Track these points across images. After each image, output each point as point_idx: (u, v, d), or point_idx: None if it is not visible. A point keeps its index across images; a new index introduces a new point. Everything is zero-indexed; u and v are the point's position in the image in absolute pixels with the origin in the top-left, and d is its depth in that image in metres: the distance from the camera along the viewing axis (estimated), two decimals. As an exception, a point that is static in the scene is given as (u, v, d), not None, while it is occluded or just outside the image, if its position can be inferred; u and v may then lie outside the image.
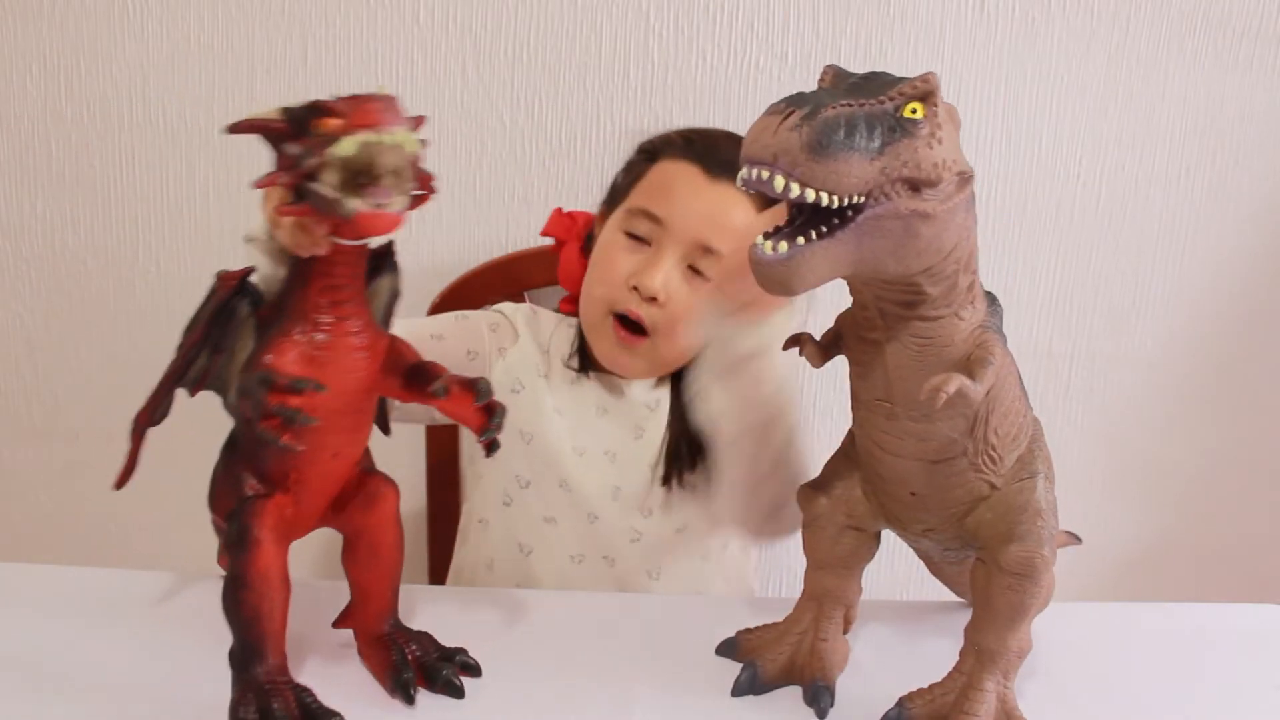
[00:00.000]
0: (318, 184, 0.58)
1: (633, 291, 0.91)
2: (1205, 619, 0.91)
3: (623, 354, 0.94)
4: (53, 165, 1.22)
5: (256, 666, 0.66)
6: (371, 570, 0.74)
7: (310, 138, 0.59)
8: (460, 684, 0.73)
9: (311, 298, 0.65)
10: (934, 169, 0.57)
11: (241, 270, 0.68)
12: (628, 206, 0.95)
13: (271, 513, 0.67)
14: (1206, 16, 1.21)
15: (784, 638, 0.80)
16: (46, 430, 1.31)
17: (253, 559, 0.65)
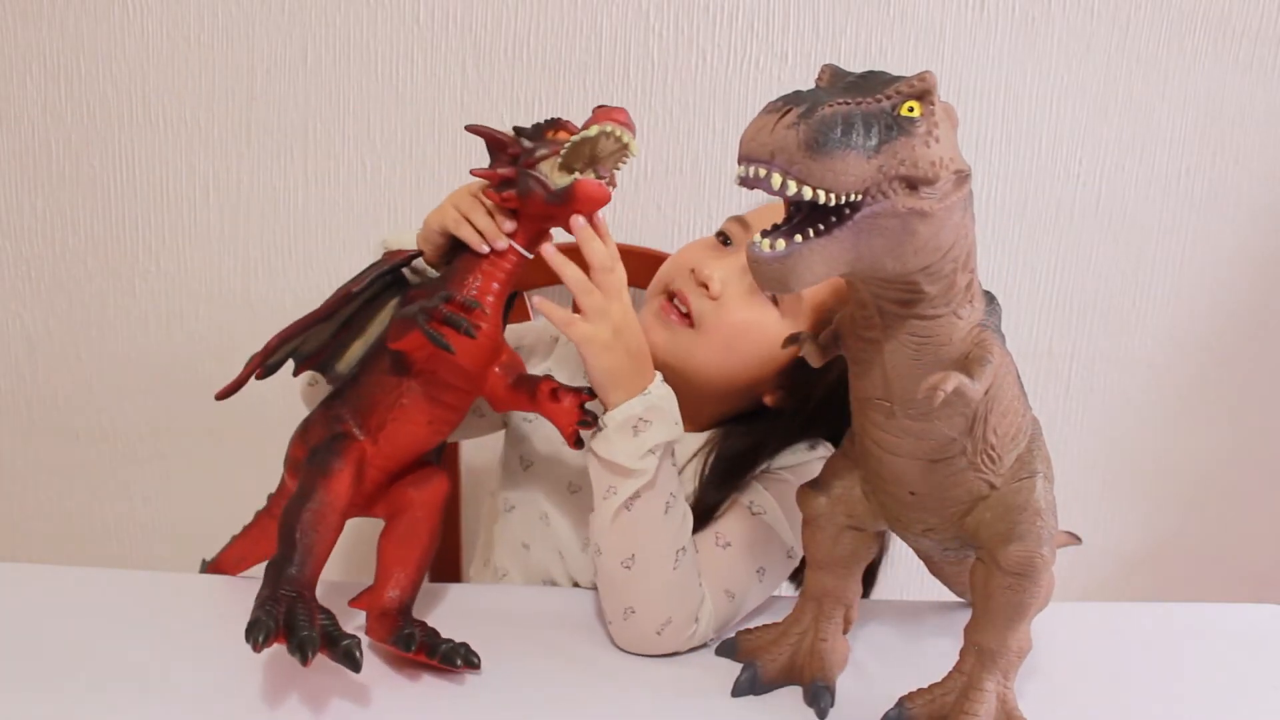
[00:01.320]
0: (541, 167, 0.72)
1: (690, 275, 0.88)
2: (1205, 619, 0.91)
3: (657, 325, 0.88)
4: (53, 165, 1.23)
5: (292, 571, 0.67)
6: (404, 548, 0.79)
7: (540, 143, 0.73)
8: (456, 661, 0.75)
9: (469, 280, 0.75)
10: (931, 167, 0.57)
11: (410, 251, 0.80)
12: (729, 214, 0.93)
13: (356, 454, 0.74)
14: (1206, 16, 1.21)
15: (784, 638, 0.80)
16: (46, 430, 1.31)
17: (330, 483, 0.71)
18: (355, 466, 0.73)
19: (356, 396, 0.77)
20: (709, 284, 0.86)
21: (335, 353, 0.79)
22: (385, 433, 0.76)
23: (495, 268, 0.76)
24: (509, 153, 0.74)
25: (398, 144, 1.19)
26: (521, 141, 0.74)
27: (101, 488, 1.33)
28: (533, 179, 0.72)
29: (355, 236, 1.22)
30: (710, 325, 0.86)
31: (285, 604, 0.65)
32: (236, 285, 1.25)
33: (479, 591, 0.95)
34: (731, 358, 0.87)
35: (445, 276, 0.77)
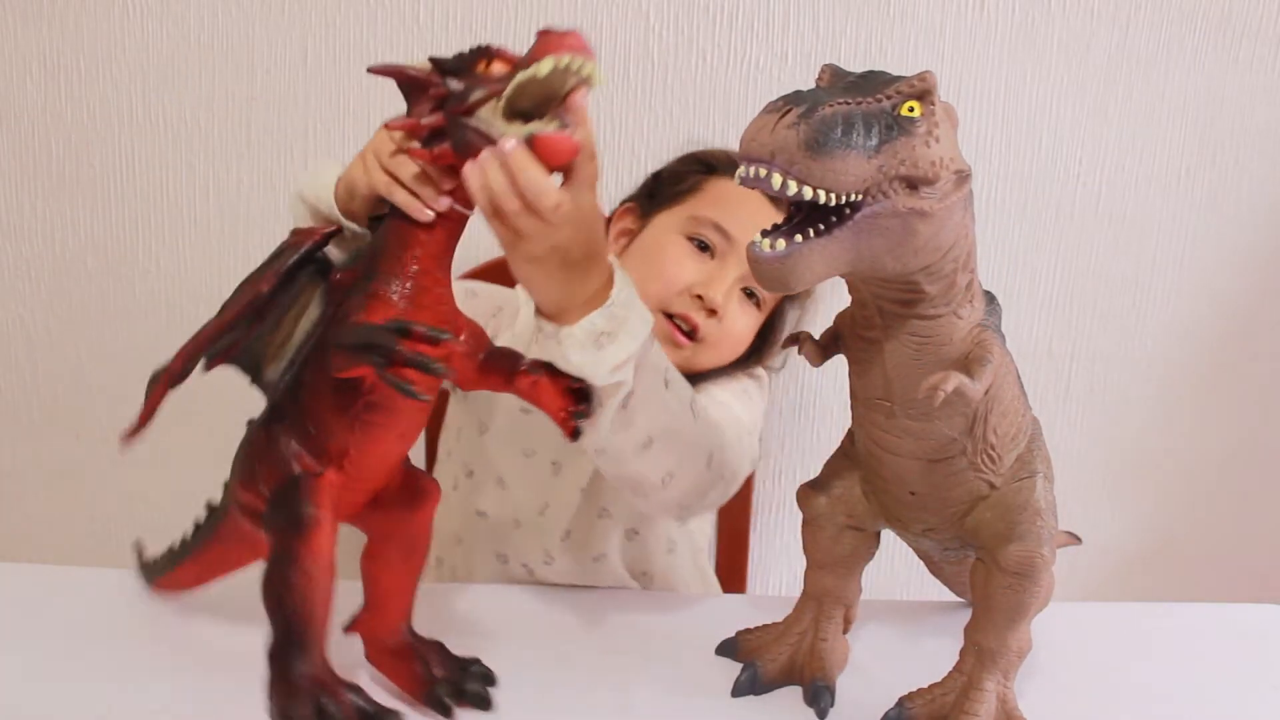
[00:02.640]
0: (478, 112, 0.57)
1: (695, 299, 0.91)
2: (1205, 619, 0.91)
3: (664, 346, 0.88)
4: (53, 165, 1.23)
5: (303, 662, 0.59)
6: (399, 573, 0.70)
7: (473, 75, 0.58)
8: (488, 694, 0.70)
9: (408, 261, 0.61)
10: (931, 167, 0.57)
11: (323, 229, 0.65)
12: (692, 213, 0.94)
13: (327, 491, 0.61)
14: (1206, 16, 1.21)
15: (784, 638, 0.79)
16: (46, 430, 1.31)
17: (310, 541, 0.59)
18: (330, 507, 0.61)
19: (304, 422, 0.64)
20: (715, 308, 0.91)
21: (255, 350, 0.65)
22: (350, 459, 0.63)
23: (436, 234, 0.62)
24: (431, 95, 0.60)
25: (398, 144, 1.19)
26: (447, 81, 0.59)
27: (101, 488, 1.33)
28: (470, 130, 0.58)
29: (355, 236, 1.23)
30: (713, 339, 0.93)
31: (309, 701, 0.58)
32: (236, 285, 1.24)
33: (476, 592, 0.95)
34: (726, 358, 0.95)
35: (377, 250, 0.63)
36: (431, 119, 0.59)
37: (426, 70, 0.60)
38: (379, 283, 0.61)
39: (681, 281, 0.91)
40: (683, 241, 0.93)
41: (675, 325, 0.92)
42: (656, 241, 0.96)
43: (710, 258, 0.92)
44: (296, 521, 0.59)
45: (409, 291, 0.61)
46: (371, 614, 0.71)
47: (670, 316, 0.92)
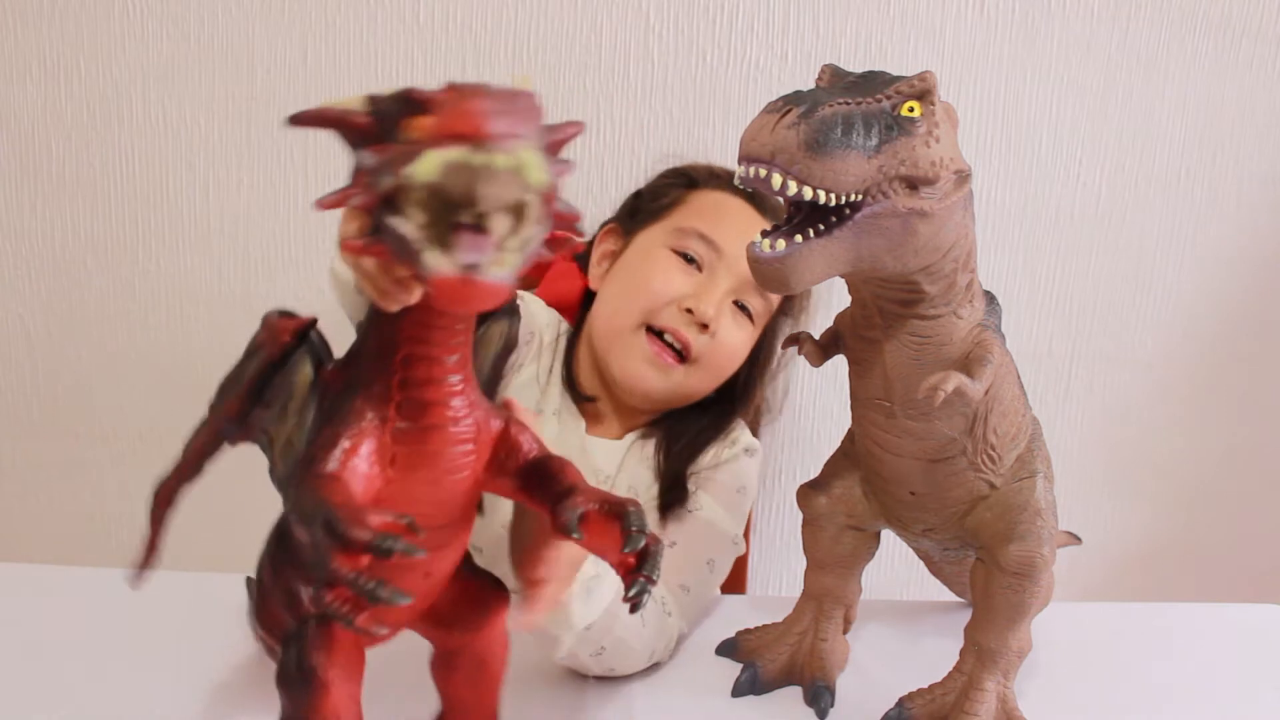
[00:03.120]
0: (397, 217, 0.40)
1: (684, 314, 0.87)
2: (1205, 619, 0.91)
3: (652, 371, 0.88)
4: (53, 165, 1.22)
5: None
6: (475, 688, 0.61)
7: (394, 143, 0.42)
8: None
9: (396, 368, 0.48)
10: (931, 167, 0.57)
11: (300, 320, 0.53)
12: (677, 225, 0.90)
13: (341, 644, 0.51)
14: (1206, 16, 1.21)
15: (784, 638, 0.79)
16: (46, 430, 1.31)
17: (315, 706, 0.50)
18: (345, 661, 0.51)
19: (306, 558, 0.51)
20: (708, 323, 0.87)
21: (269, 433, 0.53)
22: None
23: (424, 332, 0.48)
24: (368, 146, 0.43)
25: (398, 144, 1.19)
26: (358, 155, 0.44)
27: (101, 488, 1.33)
28: (394, 236, 0.41)
29: (355, 236, 1.22)
30: (706, 358, 0.89)
31: None
32: (236, 285, 1.24)
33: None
34: (720, 378, 0.91)
35: (360, 350, 0.51)
36: (358, 200, 0.43)
37: (360, 115, 0.44)
38: (363, 400, 0.48)
39: (669, 294, 0.87)
40: (669, 254, 0.89)
41: (665, 344, 0.88)
42: (641, 257, 0.92)
43: (698, 270, 0.89)
44: (305, 681, 0.51)
45: (401, 408, 0.48)
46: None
47: (659, 335, 0.88)
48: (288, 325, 0.52)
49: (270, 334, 0.52)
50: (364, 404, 0.48)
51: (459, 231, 0.39)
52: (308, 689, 0.50)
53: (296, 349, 0.51)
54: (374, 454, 0.47)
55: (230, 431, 0.53)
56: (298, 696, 0.51)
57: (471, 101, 0.39)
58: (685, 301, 0.87)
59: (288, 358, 0.51)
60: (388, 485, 0.48)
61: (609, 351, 0.90)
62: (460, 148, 0.38)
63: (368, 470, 0.47)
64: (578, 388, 0.93)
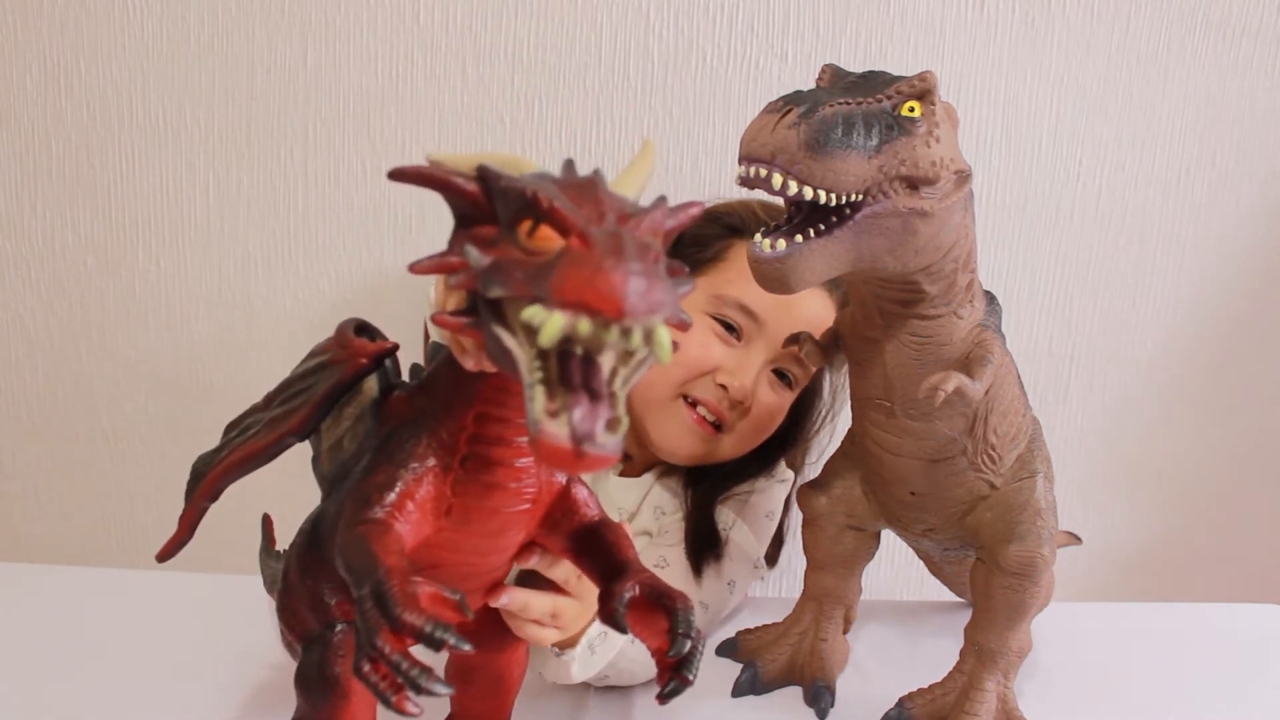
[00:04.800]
0: (502, 329, 0.38)
1: (719, 389, 0.86)
2: (1205, 619, 0.91)
3: (690, 439, 0.87)
4: (53, 165, 1.22)
5: None
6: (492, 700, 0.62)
7: (510, 243, 0.40)
8: None
9: (468, 424, 0.47)
10: (932, 167, 0.57)
11: (381, 346, 0.52)
12: (717, 291, 0.87)
13: None
14: (1206, 16, 1.21)
15: (784, 638, 0.79)
16: (46, 430, 1.31)
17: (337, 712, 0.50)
18: None
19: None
20: (745, 400, 0.86)
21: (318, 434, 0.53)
22: None
23: (500, 399, 0.47)
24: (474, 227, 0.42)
25: (398, 144, 1.19)
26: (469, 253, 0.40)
27: (101, 488, 1.33)
28: (498, 344, 0.39)
29: (355, 236, 1.22)
30: (741, 428, 0.88)
31: None
32: (236, 285, 1.24)
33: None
34: (757, 441, 0.90)
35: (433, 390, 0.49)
36: (456, 281, 0.41)
37: (469, 184, 0.42)
38: (428, 442, 0.47)
39: (705, 366, 0.86)
40: (707, 321, 0.87)
41: (700, 417, 0.87)
42: None
43: (737, 340, 0.87)
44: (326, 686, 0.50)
45: (465, 463, 0.47)
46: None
47: (694, 404, 0.87)
48: (367, 349, 0.51)
49: (347, 354, 0.51)
50: (429, 449, 0.47)
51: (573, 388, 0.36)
52: (329, 694, 0.50)
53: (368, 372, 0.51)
54: (431, 502, 0.47)
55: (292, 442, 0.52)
56: (317, 700, 0.50)
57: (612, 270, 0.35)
58: (720, 376, 0.86)
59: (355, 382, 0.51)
60: (438, 533, 0.47)
61: (645, 417, 0.89)
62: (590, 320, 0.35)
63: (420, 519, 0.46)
64: None
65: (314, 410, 0.51)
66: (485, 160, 0.41)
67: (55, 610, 0.81)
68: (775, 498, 0.92)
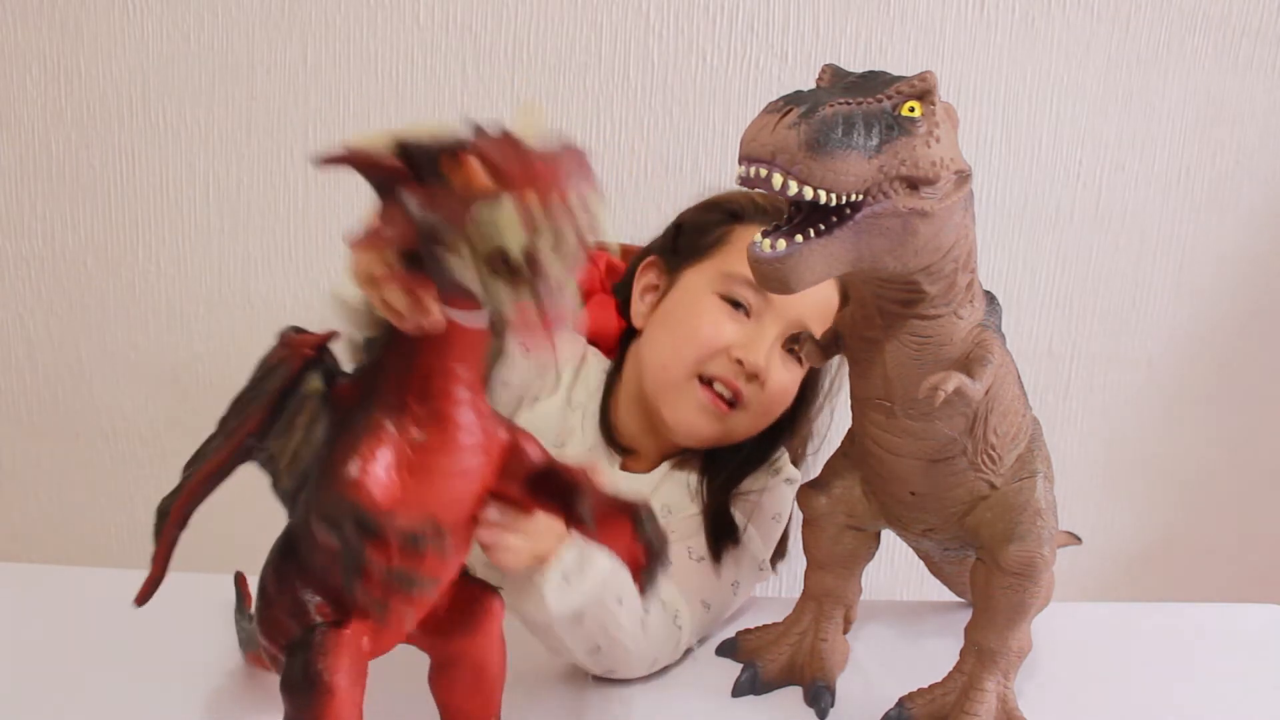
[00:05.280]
0: (450, 256, 0.43)
1: (734, 364, 0.87)
2: (1205, 619, 0.91)
3: (705, 418, 0.88)
4: (53, 165, 1.22)
5: None
6: (475, 696, 0.62)
7: (440, 188, 0.44)
8: None
9: (413, 382, 0.50)
10: (932, 167, 0.57)
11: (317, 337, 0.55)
12: (724, 270, 0.89)
13: (347, 649, 0.52)
14: (1207, 16, 1.21)
15: (784, 638, 0.79)
16: (46, 430, 1.31)
17: (321, 711, 0.51)
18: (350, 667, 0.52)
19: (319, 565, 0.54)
20: (758, 373, 0.86)
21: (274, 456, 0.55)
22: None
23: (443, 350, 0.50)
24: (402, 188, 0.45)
25: (398, 144, 1.19)
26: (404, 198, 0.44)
27: (101, 488, 1.33)
28: (446, 272, 0.44)
29: (355, 236, 1.23)
30: (756, 404, 0.88)
31: None
32: (236, 285, 1.24)
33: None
34: (770, 419, 0.90)
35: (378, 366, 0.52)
36: (392, 234, 0.45)
37: (390, 158, 0.45)
38: (383, 410, 0.51)
39: (719, 343, 0.87)
40: (716, 300, 0.88)
41: (716, 395, 0.87)
42: (688, 301, 0.91)
43: (746, 316, 0.88)
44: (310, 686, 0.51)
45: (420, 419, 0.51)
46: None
47: (709, 382, 0.88)
48: (308, 340, 0.54)
49: (291, 349, 0.53)
50: (382, 416, 0.50)
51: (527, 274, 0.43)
52: (313, 694, 0.51)
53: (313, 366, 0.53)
54: (392, 463, 0.50)
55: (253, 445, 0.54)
56: (303, 702, 0.51)
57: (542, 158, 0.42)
58: (735, 351, 0.86)
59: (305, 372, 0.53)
60: (404, 492, 0.50)
61: (661, 400, 0.90)
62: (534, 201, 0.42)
63: (386, 478, 0.49)
64: (614, 431, 0.94)
65: (269, 407, 0.53)
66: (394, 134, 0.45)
67: (55, 610, 0.81)
68: (783, 499, 0.92)
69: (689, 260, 0.93)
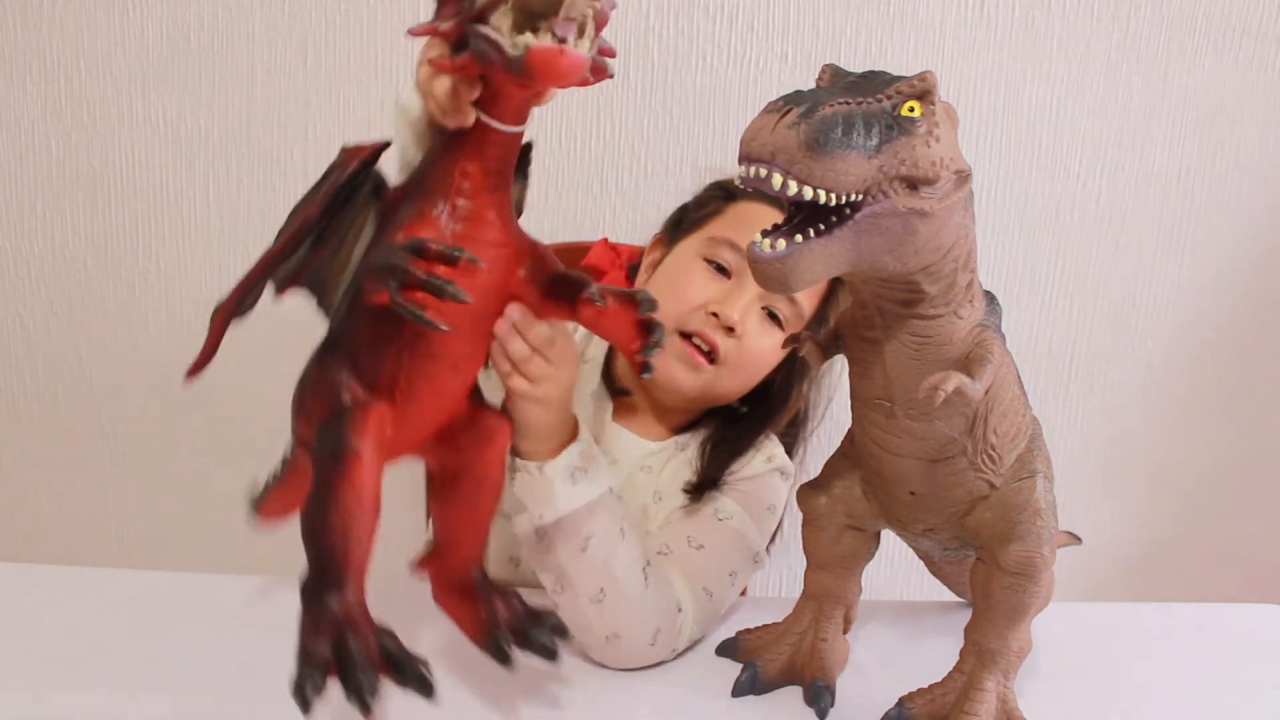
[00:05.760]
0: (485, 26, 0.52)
1: (710, 317, 0.90)
2: (1205, 619, 0.91)
3: (683, 371, 0.91)
4: (53, 165, 1.23)
5: (333, 597, 0.56)
6: (471, 510, 0.68)
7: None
8: (555, 647, 0.67)
9: (454, 178, 0.59)
10: (932, 167, 0.57)
11: (373, 144, 0.62)
12: (710, 235, 0.94)
13: (374, 424, 0.58)
14: (1207, 16, 1.21)
15: (784, 638, 0.79)
16: (46, 430, 1.31)
17: (348, 473, 0.56)
18: (375, 441, 0.58)
19: (354, 349, 0.61)
20: (735, 327, 0.89)
21: (323, 274, 0.63)
22: (401, 390, 0.61)
23: (477, 152, 0.59)
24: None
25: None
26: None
27: (101, 488, 1.33)
28: (483, 40, 0.53)
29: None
30: (734, 360, 0.91)
31: (332, 641, 0.55)
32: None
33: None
34: (750, 380, 0.94)
35: (426, 167, 0.61)
36: (448, 25, 0.54)
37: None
38: (425, 201, 0.59)
39: (698, 300, 0.90)
40: (701, 263, 0.93)
41: (694, 346, 0.90)
42: (676, 265, 0.96)
43: (727, 278, 0.92)
44: (337, 454, 0.57)
45: (455, 210, 0.59)
46: (439, 553, 0.69)
47: (689, 337, 0.91)
48: (364, 148, 0.62)
49: (347, 156, 0.62)
50: (426, 205, 0.59)
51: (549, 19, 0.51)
52: (343, 456, 0.56)
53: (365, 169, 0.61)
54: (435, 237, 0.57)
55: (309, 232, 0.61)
56: (333, 465, 0.57)
57: None
58: (711, 306, 0.90)
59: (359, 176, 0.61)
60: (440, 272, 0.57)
61: None
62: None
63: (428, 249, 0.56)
64: (614, 378, 0.99)
65: (328, 197, 0.61)
66: None
67: (55, 610, 0.81)
68: (776, 490, 0.94)
69: (685, 233, 0.98)
